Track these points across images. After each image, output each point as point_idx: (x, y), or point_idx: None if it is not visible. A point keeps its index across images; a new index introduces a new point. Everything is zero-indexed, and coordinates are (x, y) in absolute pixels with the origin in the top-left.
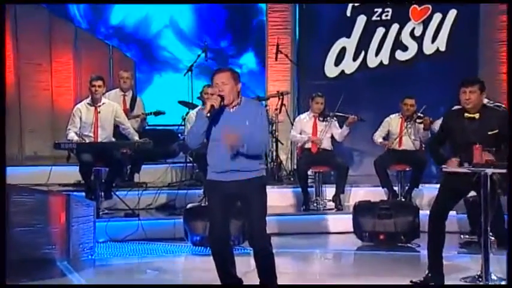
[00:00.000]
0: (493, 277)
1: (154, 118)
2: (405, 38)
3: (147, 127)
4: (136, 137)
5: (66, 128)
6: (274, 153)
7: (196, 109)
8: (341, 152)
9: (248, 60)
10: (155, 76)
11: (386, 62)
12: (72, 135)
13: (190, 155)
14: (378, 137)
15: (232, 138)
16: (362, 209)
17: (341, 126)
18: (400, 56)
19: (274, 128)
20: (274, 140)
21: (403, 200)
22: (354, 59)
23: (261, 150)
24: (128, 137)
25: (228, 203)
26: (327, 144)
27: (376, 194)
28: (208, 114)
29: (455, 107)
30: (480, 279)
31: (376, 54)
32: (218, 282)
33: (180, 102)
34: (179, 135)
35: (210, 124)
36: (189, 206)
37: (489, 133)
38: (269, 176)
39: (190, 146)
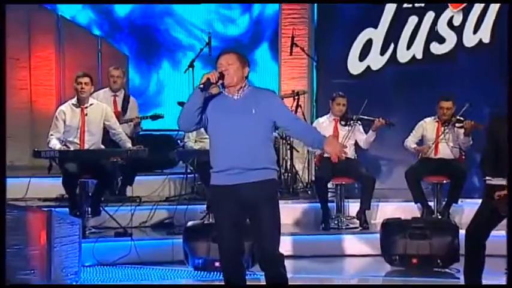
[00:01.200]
0: None
1: (151, 122)
2: (442, 28)
3: (141, 132)
4: (129, 144)
5: (48, 133)
6: (289, 162)
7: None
8: (366, 161)
9: (260, 54)
10: (152, 73)
11: (419, 56)
12: (55, 142)
13: (191, 164)
14: (411, 142)
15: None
16: (391, 228)
17: (366, 132)
18: (436, 49)
19: None
20: (288, 147)
21: (439, 217)
22: (382, 53)
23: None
24: (119, 144)
25: (239, 215)
26: (350, 152)
27: (407, 210)
28: (202, 86)
29: None
30: None
31: (408, 47)
32: None
33: (180, 104)
34: (178, 141)
35: (210, 112)
36: (189, 224)
37: None
38: (283, 189)
39: (181, 128)
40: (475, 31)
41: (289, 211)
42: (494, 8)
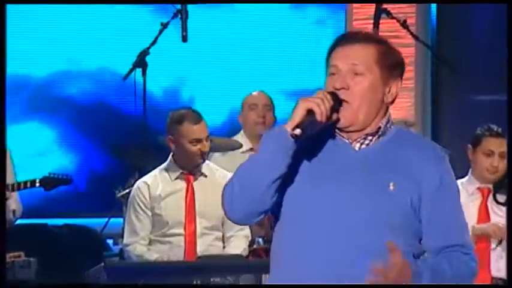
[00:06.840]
0: None
1: (43, 194)
2: None
3: (19, 221)
4: None
5: None
6: None
7: (162, 168)
8: None
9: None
10: (49, 81)
11: None
12: None
13: None
14: None
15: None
16: None
17: None
18: None
19: None
20: None
21: None
22: None
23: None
24: None
25: None
26: None
27: None
28: (298, 131)
29: None
30: None
31: None
32: None
33: (115, 151)
34: (109, 242)
35: (291, 177)
36: None
37: None
38: None
39: (239, 220)
40: None
41: None
42: None
